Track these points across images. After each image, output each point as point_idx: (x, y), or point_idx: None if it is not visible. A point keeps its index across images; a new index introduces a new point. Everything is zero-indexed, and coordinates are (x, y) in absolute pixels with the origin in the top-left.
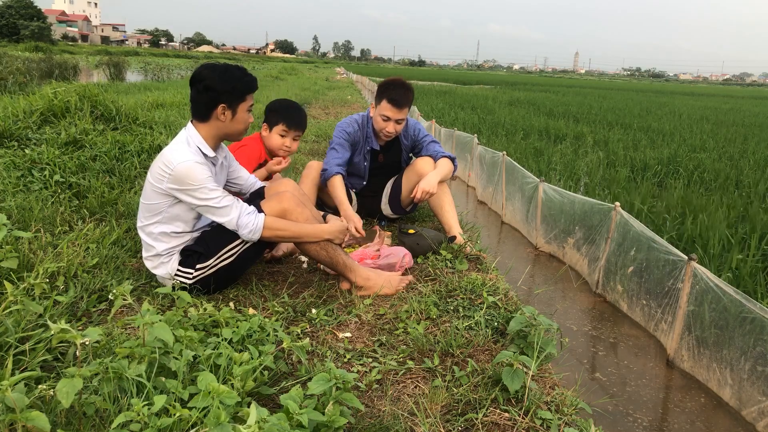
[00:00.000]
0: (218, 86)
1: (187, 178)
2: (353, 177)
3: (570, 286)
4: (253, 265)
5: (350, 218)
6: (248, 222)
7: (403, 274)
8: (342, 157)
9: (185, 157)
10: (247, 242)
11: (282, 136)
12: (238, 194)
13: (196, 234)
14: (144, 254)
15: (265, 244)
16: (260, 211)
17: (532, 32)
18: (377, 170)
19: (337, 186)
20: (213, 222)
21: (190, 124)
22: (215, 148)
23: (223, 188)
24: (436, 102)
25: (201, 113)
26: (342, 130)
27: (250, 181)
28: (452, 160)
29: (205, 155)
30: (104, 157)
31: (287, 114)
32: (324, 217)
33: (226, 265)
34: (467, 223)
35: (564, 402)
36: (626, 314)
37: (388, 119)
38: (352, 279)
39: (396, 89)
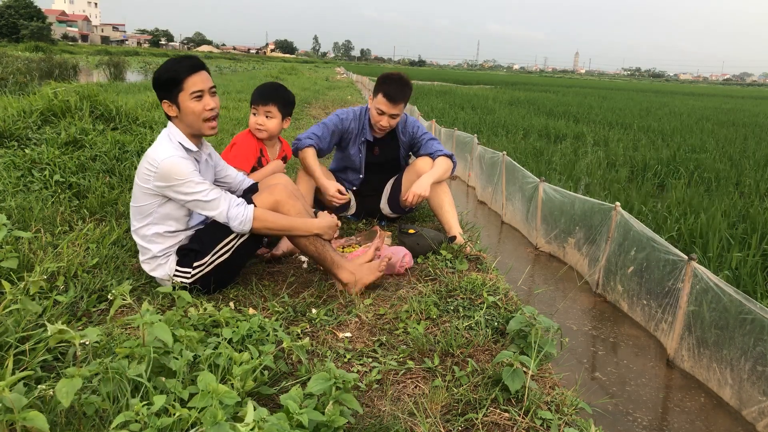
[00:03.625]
0: (153, 84)
1: (173, 173)
2: (350, 171)
3: (570, 286)
4: (253, 265)
5: (326, 187)
6: (238, 213)
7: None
8: (321, 136)
9: (169, 153)
10: (241, 236)
11: (254, 114)
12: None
13: (190, 232)
14: (141, 258)
15: (260, 238)
16: (251, 203)
17: (532, 32)
18: (374, 165)
19: (309, 157)
20: (207, 219)
21: (169, 122)
22: (197, 144)
23: (209, 182)
24: (436, 102)
25: (164, 113)
26: (335, 115)
27: (239, 178)
28: (450, 157)
29: (187, 150)
30: (104, 157)
31: (254, 92)
32: (316, 213)
33: (223, 261)
34: (467, 223)
35: (564, 402)
36: (626, 314)
37: (382, 113)
38: (338, 275)
39: (392, 84)
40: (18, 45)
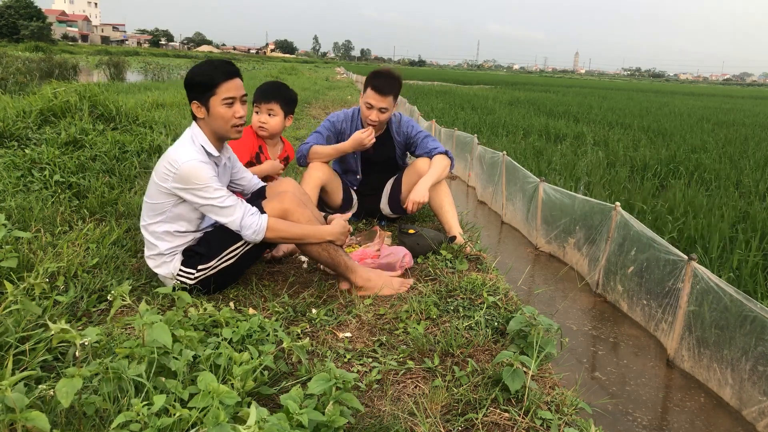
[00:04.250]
0: (185, 83)
1: (192, 177)
2: (348, 173)
3: (570, 286)
4: (253, 265)
5: (353, 140)
6: (252, 223)
7: (402, 275)
8: (317, 142)
9: (190, 156)
10: (249, 243)
11: (256, 113)
12: (239, 194)
13: (199, 234)
14: (146, 253)
15: (265, 244)
16: (262, 211)
17: (532, 32)
18: (371, 166)
19: (318, 150)
20: (216, 222)
21: (194, 123)
22: (219, 148)
23: (226, 189)
24: (437, 102)
25: (191, 113)
26: (327, 120)
27: (254, 181)
28: (446, 153)
29: (209, 154)
30: (104, 157)
31: (256, 91)
32: (325, 218)
33: (227, 266)
34: (467, 223)
35: (564, 402)
36: (626, 314)
37: (371, 107)
38: (352, 280)
39: (381, 77)
40: (18, 45)
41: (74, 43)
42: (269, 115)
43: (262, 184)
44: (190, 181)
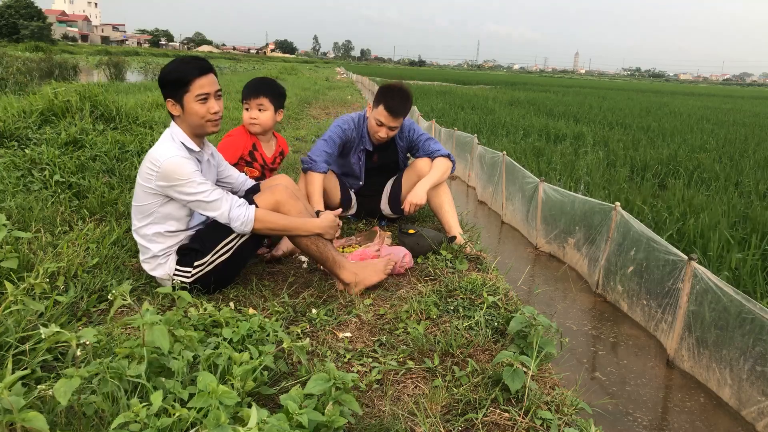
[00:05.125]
0: (159, 82)
1: (174, 173)
2: (349, 177)
3: (570, 286)
4: (253, 265)
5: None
6: (239, 214)
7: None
8: (331, 153)
9: (171, 153)
10: (241, 236)
11: (246, 110)
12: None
13: (190, 232)
14: (141, 257)
15: (260, 237)
16: (252, 203)
17: (532, 32)
18: (373, 170)
19: (316, 182)
20: (207, 219)
21: (172, 121)
22: (199, 144)
23: (212, 183)
24: (436, 102)
25: (167, 111)
26: (338, 126)
27: (241, 179)
28: (448, 156)
29: (189, 150)
30: (104, 157)
31: (244, 88)
32: (318, 213)
33: (223, 261)
34: (467, 223)
35: (564, 402)
36: (626, 314)
37: (381, 124)
38: (340, 275)
39: (395, 97)
40: (18, 45)
41: (74, 43)
42: (259, 110)
43: (252, 182)
44: (173, 177)
